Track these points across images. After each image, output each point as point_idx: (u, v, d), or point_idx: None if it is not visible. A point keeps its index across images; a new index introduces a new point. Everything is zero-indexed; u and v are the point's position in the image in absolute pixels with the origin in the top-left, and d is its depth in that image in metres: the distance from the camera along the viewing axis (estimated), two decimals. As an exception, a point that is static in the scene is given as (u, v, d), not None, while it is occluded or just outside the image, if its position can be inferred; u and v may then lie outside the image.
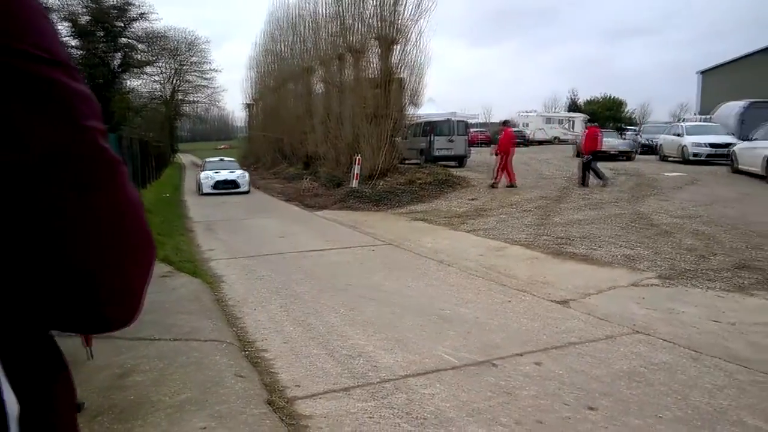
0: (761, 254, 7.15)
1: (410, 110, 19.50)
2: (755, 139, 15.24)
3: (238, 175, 20.18)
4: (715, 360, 4.10)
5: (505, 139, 15.98)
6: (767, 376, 3.78)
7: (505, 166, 15.76)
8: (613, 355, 4.28)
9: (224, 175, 19.94)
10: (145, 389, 3.52)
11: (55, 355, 0.72)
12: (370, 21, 17.52)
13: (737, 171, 15.86)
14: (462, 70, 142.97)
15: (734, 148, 16.71)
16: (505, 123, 18.11)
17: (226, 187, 19.50)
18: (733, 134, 19.99)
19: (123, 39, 41.30)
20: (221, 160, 22.90)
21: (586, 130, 16.26)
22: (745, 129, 19.66)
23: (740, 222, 9.24)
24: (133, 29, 41.74)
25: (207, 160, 23.01)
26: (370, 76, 17.88)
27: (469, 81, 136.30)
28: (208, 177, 19.72)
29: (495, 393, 3.65)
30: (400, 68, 17.47)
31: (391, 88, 17.15)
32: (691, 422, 3.19)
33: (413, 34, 17.02)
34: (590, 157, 15.28)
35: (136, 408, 3.25)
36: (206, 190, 19.37)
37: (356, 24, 18.35)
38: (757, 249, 7.42)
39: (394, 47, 17.18)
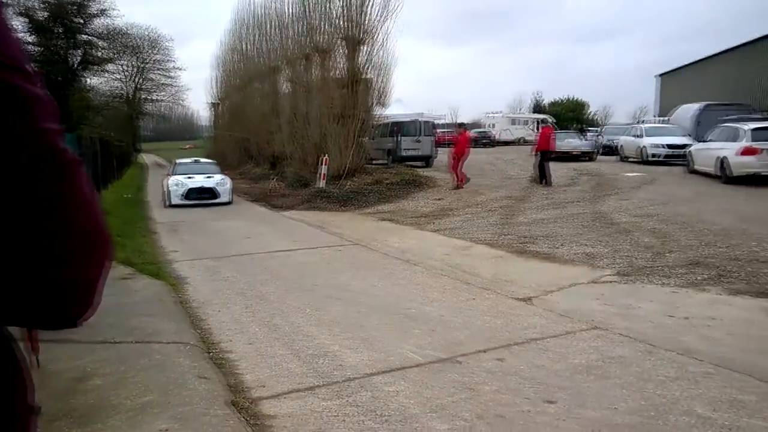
0: (714, 251, 7.42)
1: (377, 110, 19.56)
2: (709, 141, 15.76)
3: (217, 181, 16.37)
4: (669, 353, 4.25)
5: (462, 141, 16.17)
6: (717, 368, 3.94)
7: (454, 167, 15.94)
8: (572, 350, 4.39)
9: (199, 181, 16.15)
10: (105, 392, 3.47)
11: (12, 355, 0.73)
12: (337, 21, 17.53)
13: (693, 171, 16.38)
14: (430, 70, 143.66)
15: (690, 149, 17.25)
16: (462, 125, 18.28)
17: (202, 196, 15.84)
18: (690, 135, 20.63)
19: (83, 36, 40.26)
20: (196, 161, 18.62)
21: (540, 131, 16.60)
22: (700, 130, 20.31)
23: (695, 220, 9.55)
24: (93, 26, 40.73)
25: (177, 161, 18.65)
26: (337, 76, 17.87)
27: (437, 82, 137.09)
28: (179, 184, 15.98)
29: (458, 389, 3.71)
30: (367, 68, 17.53)
31: (358, 88, 17.18)
32: (645, 412, 3.31)
33: (380, 34, 17.11)
34: (539, 156, 15.65)
35: (96, 412, 3.20)
36: (175, 200, 15.67)
37: (323, 24, 18.32)
38: (709, 246, 7.69)
39: (361, 47, 17.22)
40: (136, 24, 47.28)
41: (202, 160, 19.48)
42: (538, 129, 42.32)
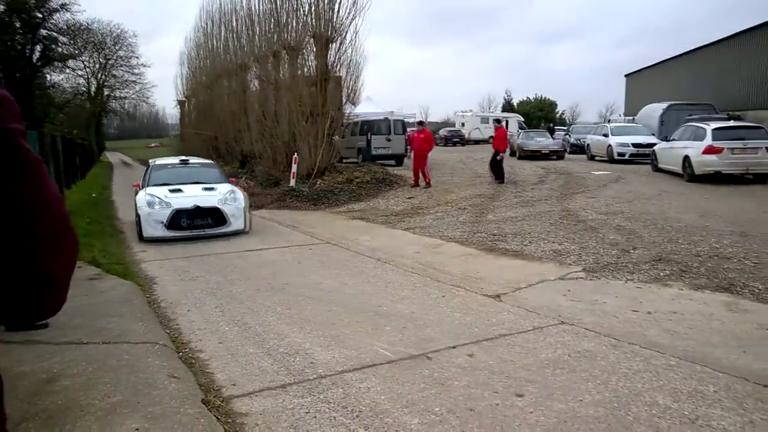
0: (677, 247, 7.64)
1: (348, 109, 19.54)
2: (674, 140, 16.19)
3: (223, 195, 10.25)
4: (633, 347, 4.37)
5: (421, 139, 16.13)
6: (679, 360, 4.07)
7: (420, 167, 15.97)
8: (541, 344, 4.49)
9: (192, 196, 10.08)
10: (73, 393, 3.41)
11: None
12: (306, 18, 17.45)
13: (658, 169, 16.82)
14: (400, 69, 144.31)
15: (655, 148, 17.70)
16: (421, 123, 18.33)
17: (198, 224, 9.86)
18: (654, 134, 21.16)
19: (43, 31, 39.20)
20: (183, 162, 12.00)
21: (496, 131, 16.66)
22: (664, 129, 20.88)
23: (659, 218, 9.82)
24: (54, 21, 39.70)
25: (155, 162, 11.96)
26: (306, 74, 17.80)
27: (408, 80, 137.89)
28: (157, 202, 9.79)
29: (429, 384, 3.76)
30: (337, 66, 17.50)
31: (328, 86, 17.13)
32: (609, 404, 3.41)
33: (349, 32, 17.10)
34: (502, 154, 15.85)
35: (64, 413, 3.15)
36: (152, 231, 9.66)
37: (292, 21, 18.22)
38: (673, 243, 7.92)
39: (331, 45, 17.17)
40: (99, 19, 46.26)
41: (194, 159, 12.77)
42: (507, 128, 42.94)
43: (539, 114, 65.73)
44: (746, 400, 3.42)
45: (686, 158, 14.65)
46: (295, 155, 16.52)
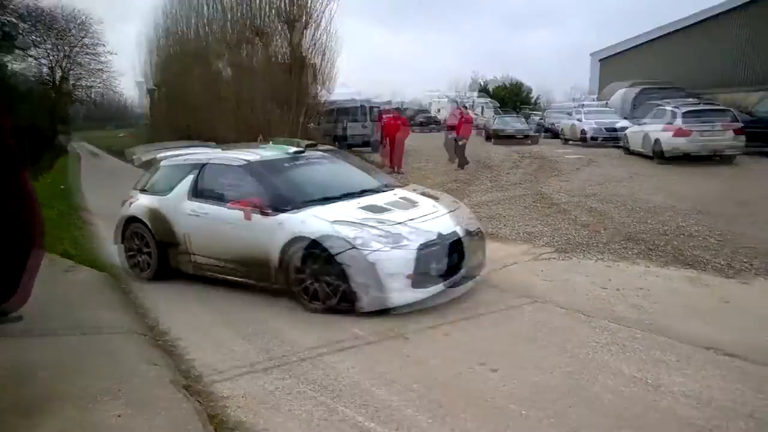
0: (645, 227, 7.86)
1: (323, 95, 19.47)
2: (644, 123, 16.49)
3: (453, 215, 5.59)
4: (602, 322, 4.54)
5: (402, 124, 16.04)
6: (644, 333, 4.26)
7: (395, 153, 15.92)
8: (515, 322, 4.63)
9: (423, 218, 5.29)
10: (53, 384, 3.42)
11: None
12: (279, 4, 17.30)
13: (629, 152, 17.12)
14: (370, 51, 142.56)
15: (626, 131, 18.00)
16: (397, 110, 18.25)
17: (450, 263, 5.09)
18: (626, 118, 21.47)
19: (1, 17, 37.91)
20: (297, 157, 6.53)
21: (461, 118, 16.60)
22: (636, 113, 21.19)
23: (629, 199, 10.05)
24: (13, 6, 38.32)
25: (253, 158, 6.08)
26: (280, 60, 17.68)
27: (382, 64, 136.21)
28: (373, 236, 4.82)
29: (407, 363, 3.87)
30: (311, 52, 17.42)
31: (303, 72, 17.05)
32: (578, 375, 3.58)
33: (323, 18, 17.01)
34: (465, 140, 15.88)
35: (44, 402, 3.17)
36: (399, 294, 4.78)
37: (264, 6, 18.04)
38: (642, 223, 8.14)
39: (305, 31, 17.08)
40: (62, 5, 44.81)
41: (319, 152, 7.49)
42: (483, 114, 43.04)
43: (514, 99, 66.02)
44: (705, 367, 3.61)
45: (657, 141, 14.95)
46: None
